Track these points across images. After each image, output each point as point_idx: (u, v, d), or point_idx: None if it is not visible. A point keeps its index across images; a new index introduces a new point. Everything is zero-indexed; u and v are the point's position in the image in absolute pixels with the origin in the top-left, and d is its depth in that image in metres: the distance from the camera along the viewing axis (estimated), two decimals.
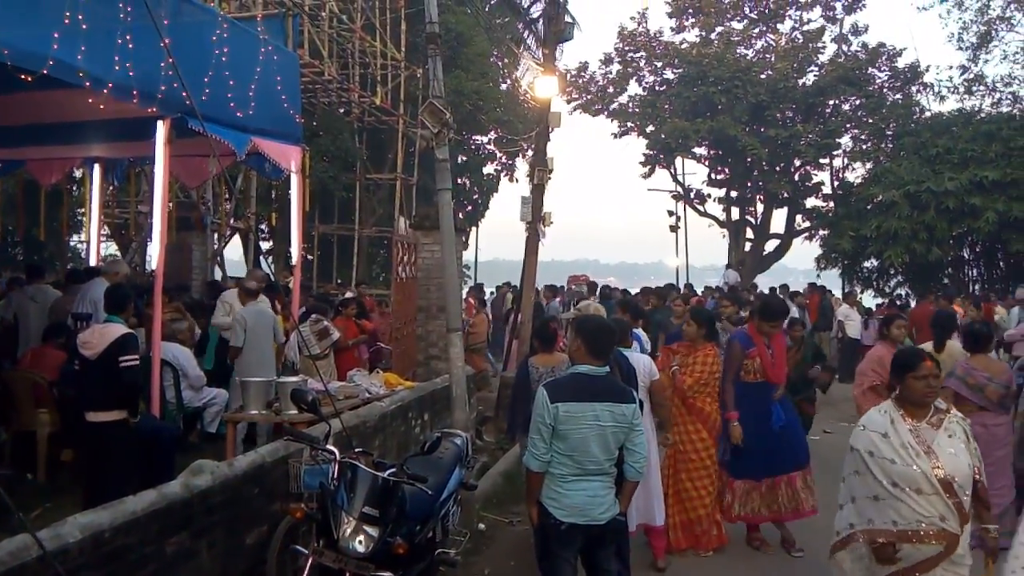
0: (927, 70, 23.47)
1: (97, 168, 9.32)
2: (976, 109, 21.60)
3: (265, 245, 19.27)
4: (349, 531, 3.45)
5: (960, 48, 21.97)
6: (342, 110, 16.54)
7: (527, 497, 3.66)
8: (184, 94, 4.92)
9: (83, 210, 14.48)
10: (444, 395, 7.32)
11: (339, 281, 17.88)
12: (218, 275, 13.76)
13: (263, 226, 18.32)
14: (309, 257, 18.52)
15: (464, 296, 15.77)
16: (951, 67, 24.99)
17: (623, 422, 3.47)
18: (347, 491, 3.55)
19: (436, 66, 6.28)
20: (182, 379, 6.78)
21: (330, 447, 3.76)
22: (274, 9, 11.72)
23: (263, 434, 6.61)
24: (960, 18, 21.60)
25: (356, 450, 4.05)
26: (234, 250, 17.89)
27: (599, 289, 16.92)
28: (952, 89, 22.71)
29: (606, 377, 3.56)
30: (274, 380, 6.24)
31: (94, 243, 9.88)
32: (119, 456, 4.85)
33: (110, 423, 4.85)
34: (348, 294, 11.28)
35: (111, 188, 12.70)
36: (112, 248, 16.16)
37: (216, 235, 14.11)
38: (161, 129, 5.83)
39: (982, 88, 22.22)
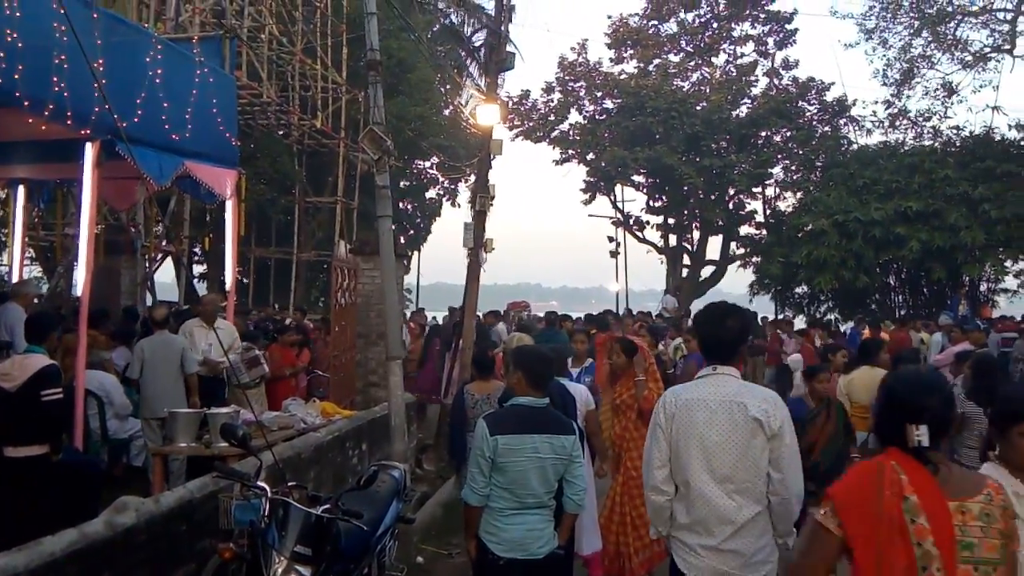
0: (854, 104, 24.54)
1: (21, 189, 8.96)
2: (900, 142, 22.65)
3: (199, 269, 18.79)
4: (280, 571, 3.34)
5: (884, 84, 23.07)
6: (281, 132, 16.34)
7: (465, 531, 3.61)
8: (116, 116, 4.80)
9: (6, 231, 13.89)
10: (383, 424, 7.20)
11: (276, 306, 17.54)
12: (149, 300, 13.31)
13: (196, 249, 17.87)
14: (245, 281, 18.13)
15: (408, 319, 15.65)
16: (876, 102, 26.03)
17: (563, 454, 3.46)
18: (278, 529, 3.44)
19: (376, 93, 6.26)
20: (107, 408, 6.50)
21: (261, 483, 3.64)
22: (211, 31, 11.52)
23: (176, 471, 6.34)
24: (884, 55, 22.69)
25: (290, 484, 3.93)
26: (166, 274, 17.39)
27: (544, 316, 16.82)
28: (877, 123, 23.81)
29: (546, 408, 3.54)
30: (204, 411, 6.03)
31: (16, 266, 9.46)
32: (39, 493, 4.61)
33: (30, 458, 4.61)
34: (287, 320, 11.04)
35: (36, 210, 12.21)
36: (36, 271, 15.52)
37: (147, 259, 13.67)
38: (90, 151, 5.65)
39: (905, 122, 23.33)
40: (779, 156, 24.47)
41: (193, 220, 15.47)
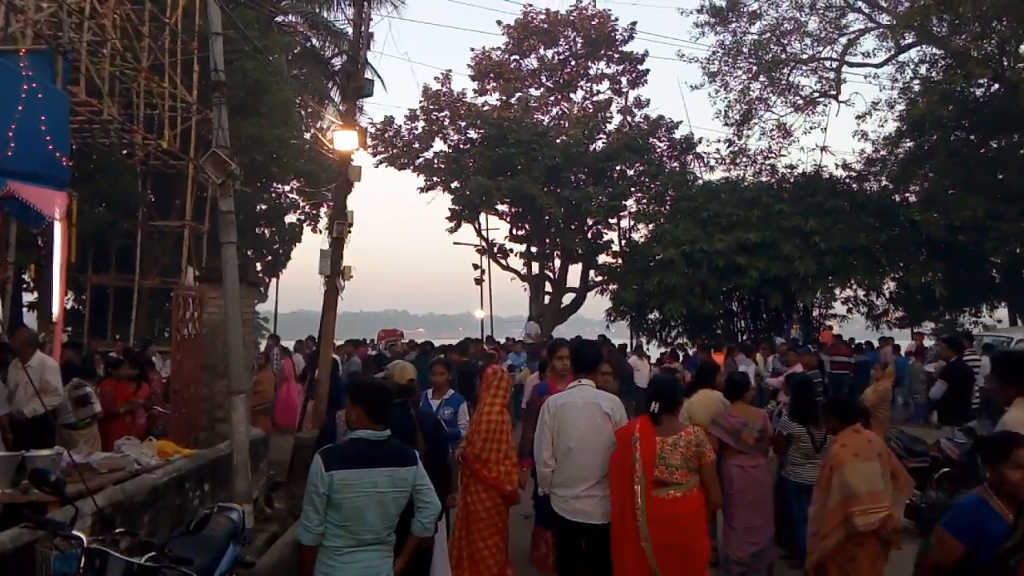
0: (699, 142, 26.11)
1: None
2: (740, 178, 24.23)
3: (29, 297, 17.21)
4: None
5: (726, 124, 24.65)
6: (125, 152, 15.36)
7: (300, 572, 3.48)
8: None
9: None
10: (229, 462, 6.85)
11: (116, 337, 16.34)
12: None
13: (25, 275, 16.38)
14: (81, 310, 16.82)
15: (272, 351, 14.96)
16: (719, 140, 27.92)
17: (403, 487, 3.42)
18: None
19: (221, 114, 6.03)
20: None
21: (76, 533, 3.35)
22: (43, 43, 10.71)
23: None
24: (726, 97, 24.30)
25: (118, 531, 3.65)
26: None
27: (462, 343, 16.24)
28: (720, 160, 25.42)
29: (387, 441, 3.49)
30: (21, 455, 5.50)
31: None
32: None
33: None
34: (111, 353, 10.26)
35: None
36: None
37: None
38: None
39: (745, 160, 25.00)
40: (632, 189, 25.55)
41: (22, 244, 14.19)
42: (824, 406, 5.41)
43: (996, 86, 19.22)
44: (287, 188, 22.88)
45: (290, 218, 23.75)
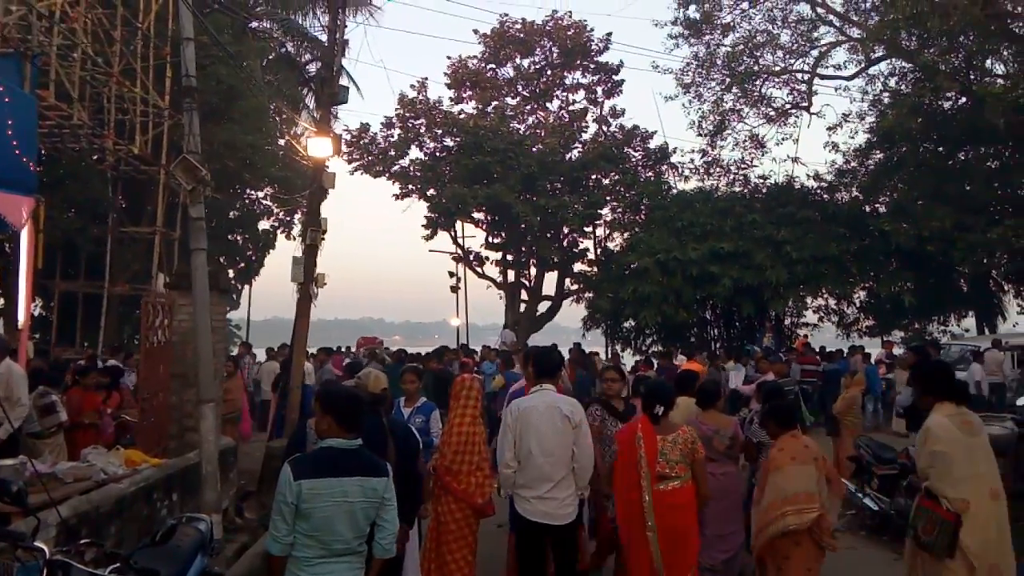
0: (673, 152, 26.33)
1: None
2: (714, 188, 24.42)
3: None
4: None
5: (700, 134, 24.83)
6: (95, 157, 15.14)
7: None
8: None
9: None
10: (198, 471, 6.76)
11: (85, 344, 16.08)
12: None
13: None
14: (49, 317, 16.54)
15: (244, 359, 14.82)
16: (693, 151, 28.12)
17: (374, 497, 3.39)
18: None
19: (193, 120, 5.98)
20: None
21: (38, 544, 3.29)
22: (11, 47, 10.54)
23: None
24: (700, 108, 24.50)
25: (84, 541, 3.58)
26: None
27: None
28: (694, 170, 25.59)
29: (358, 450, 3.46)
30: None
31: None
32: None
33: None
34: (79, 361, 10.11)
35: None
36: None
37: None
38: None
39: (719, 170, 25.19)
40: (608, 198, 25.67)
41: None
42: (764, 412, 5.65)
43: (963, 99, 19.63)
44: (260, 194, 22.70)
45: (263, 224, 23.59)
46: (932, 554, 4.17)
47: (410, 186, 26.27)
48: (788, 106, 24.09)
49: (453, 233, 27.60)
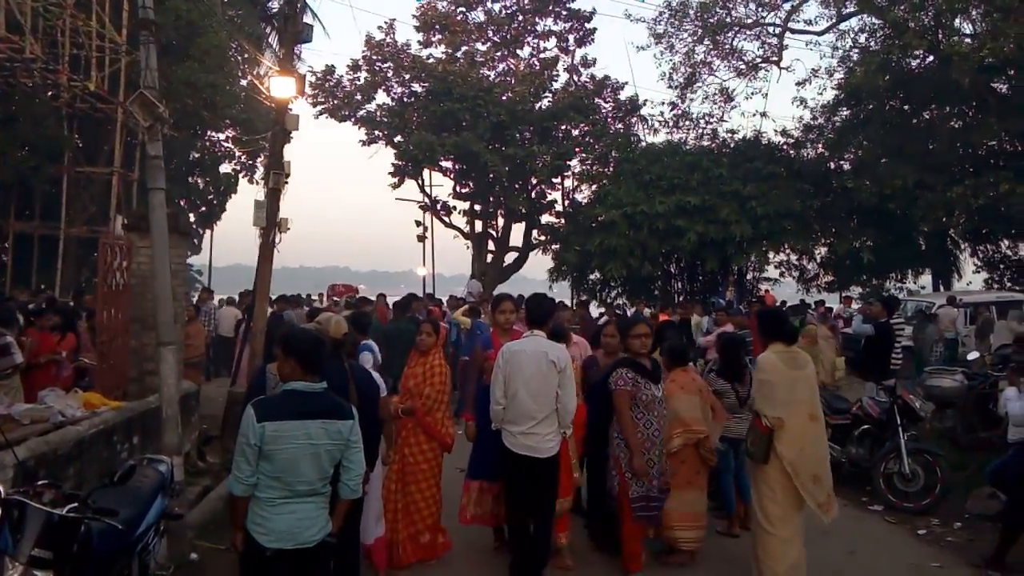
0: (644, 104, 26.21)
1: None
2: (682, 141, 24.46)
3: None
4: None
5: (671, 87, 24.75)
6: (49, 94, 14.57)
7: (232, 523, 3.44)
8: None
9: None
10: (158, 415, 6.69)
11: (42, 287, 15.70)
12: None
13: None
14: (2, 258, 16.09)
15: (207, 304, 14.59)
16: (663, 103, 28.06)
17: (338, 439, 3.39)
18: (12, 533, 3.08)
19: (150, 54, 5.75)
20: None
21: None
22: None
23: None
24: (671, 60, 24.36)
25: (41, 482, 3.53)
26: None
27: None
28: (663, 123, 25.61)
29: (322, 393, 3.44)
30: None
31: None
32: None
33: None
34: (31, 304, 9.86)
35: None
36: None
37: None
38: None
39: (688, 123, 25.22)
40: (577, 149, 25.54)
41: None
42: (662, 350, 6.16)
43: (931, 58, 19.74)
44: (222, 136, 22.15)
45: (225, 168, 23.09)
46: (754, 460, 5.05)
47: (377, 132, 25.81)
48: (758, 60, 24.04)
49: (420, 181, 27.31)
